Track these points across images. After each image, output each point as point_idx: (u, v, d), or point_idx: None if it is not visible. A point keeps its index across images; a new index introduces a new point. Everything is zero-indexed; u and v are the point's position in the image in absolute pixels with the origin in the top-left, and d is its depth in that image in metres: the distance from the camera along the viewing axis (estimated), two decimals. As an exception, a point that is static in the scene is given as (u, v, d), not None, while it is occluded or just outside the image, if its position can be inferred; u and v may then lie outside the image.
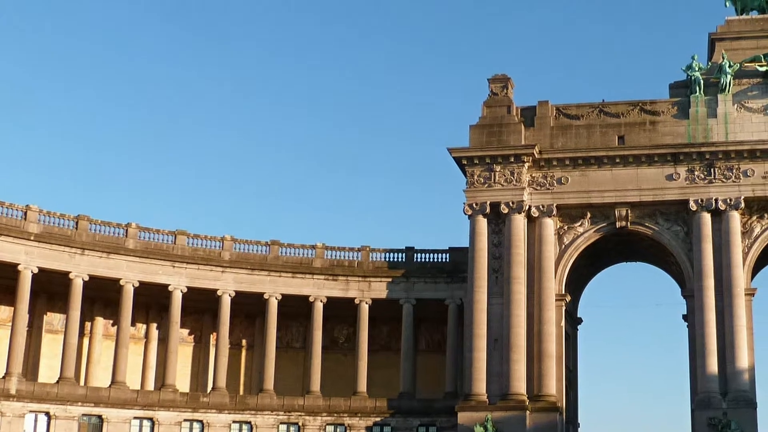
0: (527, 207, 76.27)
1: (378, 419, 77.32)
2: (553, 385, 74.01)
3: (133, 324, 77.10)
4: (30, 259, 71.17)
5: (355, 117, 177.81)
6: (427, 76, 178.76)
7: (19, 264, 70.70)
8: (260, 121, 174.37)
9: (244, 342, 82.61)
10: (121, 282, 74.79)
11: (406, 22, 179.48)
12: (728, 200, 74.37)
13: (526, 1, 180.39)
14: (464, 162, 77.37)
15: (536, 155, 76.43)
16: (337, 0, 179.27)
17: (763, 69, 76.23)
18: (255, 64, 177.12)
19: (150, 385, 78.52)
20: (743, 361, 72.09)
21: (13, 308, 71.71)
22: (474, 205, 76.72)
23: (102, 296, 77.18)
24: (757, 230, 75.19)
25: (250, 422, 76.64)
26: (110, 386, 73.89)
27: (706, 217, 74.51)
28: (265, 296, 78.71)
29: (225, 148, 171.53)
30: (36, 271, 71.32)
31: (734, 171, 74.85)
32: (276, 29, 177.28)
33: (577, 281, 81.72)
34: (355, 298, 79.76)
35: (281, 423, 77.13)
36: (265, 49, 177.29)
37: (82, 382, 75.61)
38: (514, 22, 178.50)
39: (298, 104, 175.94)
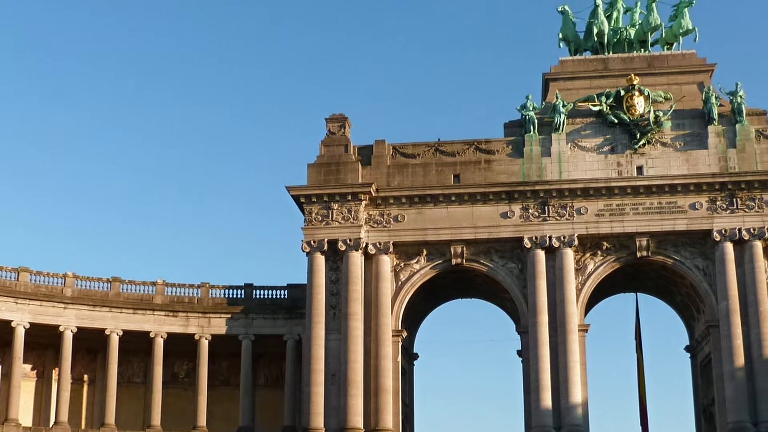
0: (364, 244, 77.12)
1: (218, 453, 78.29)
2: (390, 420, 75.06)
3: (-24, 359, 77.76)
4: None
5: (196, 153, 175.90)
6: (267, 114, 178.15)
7: None
8: (100, 155, 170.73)
9: (86, 377, 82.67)
10: (-35, 318, 75.35)
11: (247, 59, 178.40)
12: (562, 237, 75.68)
13: (364, 41, 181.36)
14: (302, 200, 78.12)
15: (373, 193, 77.34)
16: (183, 31, 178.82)
17: (597, 108, 77.46)
18: (98, 96, 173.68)
19: (-7, 420, 79.16)
20: (577, 396, 73.55)
21: None
22: (312, 242, 77.48)
23: (-55, 332, 77.66)
24: (591, 267, 76.55)
25: (91, 456, 77.30)
26: (-46, 421, 74.65)
27: (540, 254, 75.79)
28: (107, 332, 79.07)
29: (67, 183, 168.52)
30: None
31: (568, 209, 76.16)
32: (121, 53, 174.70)
33: (414, 317, 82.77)
34: (195, 334, 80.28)
35: (122, 457, 77.79)
36: (113, 76, 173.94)
37: (-74, 417, 76.11)
38: (353, 62, 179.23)
39: (140, 138, 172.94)
